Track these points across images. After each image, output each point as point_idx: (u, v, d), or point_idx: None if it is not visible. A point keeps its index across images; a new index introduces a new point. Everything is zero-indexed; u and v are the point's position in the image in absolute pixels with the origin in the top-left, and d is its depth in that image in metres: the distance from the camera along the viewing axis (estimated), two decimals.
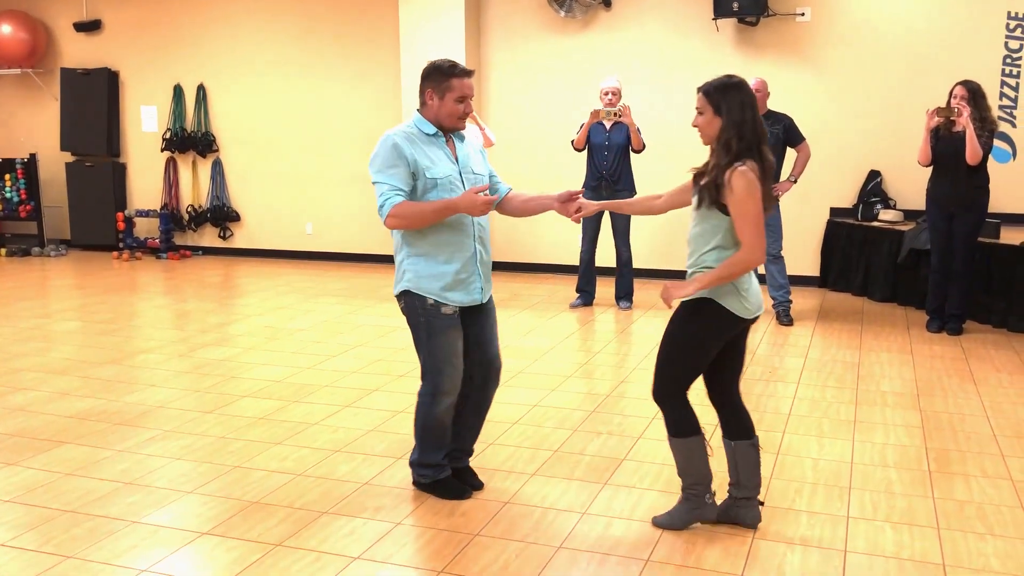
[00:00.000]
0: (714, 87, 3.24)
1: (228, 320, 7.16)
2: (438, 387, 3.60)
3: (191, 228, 10.58)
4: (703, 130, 3.25)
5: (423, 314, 3.54)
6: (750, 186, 3.11)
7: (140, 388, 5.30)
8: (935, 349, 6.07)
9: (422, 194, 3.49)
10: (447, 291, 3.52)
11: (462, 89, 3.49)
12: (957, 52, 7.65)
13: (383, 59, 9.41)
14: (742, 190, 3.10)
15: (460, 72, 3.50)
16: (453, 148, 3.63)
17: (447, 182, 3.51)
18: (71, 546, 3.32)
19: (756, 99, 3.27)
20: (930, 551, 3.25)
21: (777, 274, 6.89)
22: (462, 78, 3.49)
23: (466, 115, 3.56)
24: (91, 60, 10.68)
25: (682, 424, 3.35)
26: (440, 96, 3.51)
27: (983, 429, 4.53)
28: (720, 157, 3.17)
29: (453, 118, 3.53)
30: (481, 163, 3.73)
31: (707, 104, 3.22)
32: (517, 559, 3.21)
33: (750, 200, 3.11)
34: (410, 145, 3.49)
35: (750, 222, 3.13)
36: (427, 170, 3.48)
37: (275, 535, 3.40)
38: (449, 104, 3.50)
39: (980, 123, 6.15)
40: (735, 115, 3.16)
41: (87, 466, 4.09)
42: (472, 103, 3.63)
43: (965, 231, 6.35)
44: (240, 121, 10.24)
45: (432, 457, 3.72)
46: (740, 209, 3.12)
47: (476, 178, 3.64)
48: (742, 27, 8.18)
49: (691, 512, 3.42)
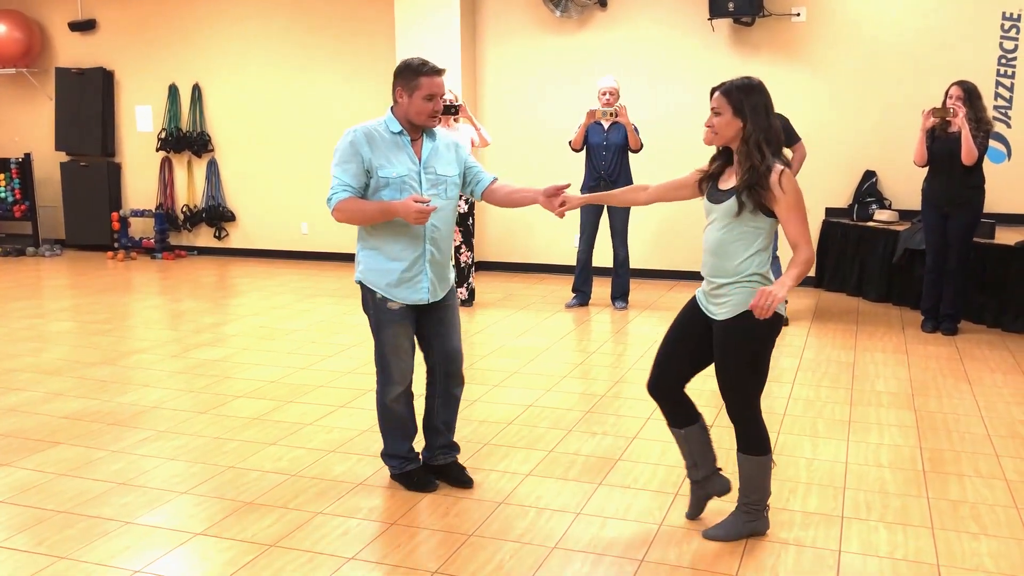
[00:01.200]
0: (736, 87, 3.19)
1: (223, 320, 7.15)
2: (386, 378, 3.72)
3: (186, 228, 10.56)
4: (720, 131, 3.19)
5: (372, 307, 3.67)
6: (797, 186, 3.12)
7: (134, 388, 5.29)
8: (930, 349, 6.08)
9: (373, 191, 3.56)
10: (392, 288, 3.61)
11: (431, 87, 3.50)
12: (952, 52, 7.66)
13: (378, 59, 9.41)
14: (793, 191, 3.09)
15: (429, 70, 3.52)
16: (419, 148, 3.63)
17: (399, 181, 3.54)
18: (64, 547, 3.31)
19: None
20: (924, 551, 3.25)
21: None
22: (431, 76, 3.51)
23: (436, 113, 3.56)
24: (86, 59, 10.65)
25: (762, 443, 3.29)
26: (409, 94, 3.53)
27: (977, 429, 4.53)
28: (754, 159, 3.10)
29: (423, 116, 3.54)
30: (450, 163, 3.70)
31: (727, 105, 3.16)
32: (511, 559, 3.21)
33: (801, 200, 3.12)
34: (368, 143, 3.55)
35: (804, 221, 3.14)
36: (380, 168, 3.53)
37: (269, 536, 3.40)
38: (417, 102, 3.52)
39: (975, 123, 6.16)
40: (761, 118, 3.13)
41: (81, 467, 4.08)
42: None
43: (960, 231, 6.36)
44: (235, 121, 10.23)
45: (396, 447, 3.83)
46: (793, 211, 3.11)
47: (437, 178, 3.63)
48: (737, 27, 8.19)
49: (747, 524, 3.35)
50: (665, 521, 3.50)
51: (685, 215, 8.46)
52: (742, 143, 3.15)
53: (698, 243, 8.44)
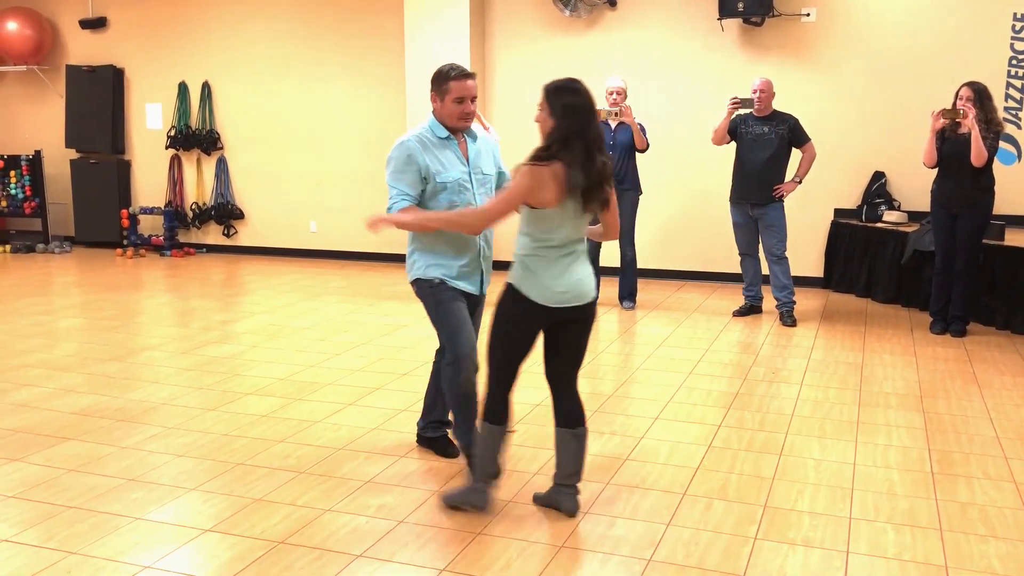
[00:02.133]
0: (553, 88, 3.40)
1: (232, 318, 7.17)
2: (457, 353, 3.76)
3: (195, 226, 10.59)
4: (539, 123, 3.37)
5: (430, 293, 3.79)
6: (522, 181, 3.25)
7: (143, 385, 5.31)
8: (938, 351, 6.07)
9: (431, 196, 3.72)
10: (452, 280, 3.79)
11: (459, 90, 3.66)
12: (963, 53, 7.64)
13: (388, 57, 9.42)
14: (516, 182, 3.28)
15: (457, 74, 3.68)
16: (465, 149, 3.80)
17: (456, 184, 3.74)
18: (74, 542, 3.33)
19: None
20: (932, 553, 3.25)
21: (781, 275, 6.89)
22: (459, 80, 3.67)
23: (467, 115, 3.71)
24: (96, 57, 10.69)
25: (489, 411, 3.46)
26: (441, 98, 3.70)
27: (986, 431, 4.52)
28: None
29: (454, 118, 3.71)
30: (490, 163, 3.91)
31: (545, 103, 3.37)
32: (519, 558, 3.21)
33: (514, 190, 3.28)
34: (423, 150, 3.69)
35: (500, 203, 3.33)
36: (437, 174, 3.69)
37: (277, 532, 3.41)
38: (448, 105, 3.68)
39: (985, 124, 6.14)
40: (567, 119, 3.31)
41: (90, 462, 4.10)
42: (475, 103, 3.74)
43: (969, 232, 6.34)
44: (245, 119, 10.25)
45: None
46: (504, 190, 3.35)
47: (484, 178, 3.84)
48: (747, 27, 8.18)
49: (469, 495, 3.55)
50: (673, 521, 3.50)
51: (693, 215, 8.45)
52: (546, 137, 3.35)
53: (710, 244, 8.46)
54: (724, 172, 7.26)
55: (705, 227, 8.45)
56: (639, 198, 7.34)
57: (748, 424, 4.62)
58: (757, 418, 4.72)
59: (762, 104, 6.81)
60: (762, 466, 4.06)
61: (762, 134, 6.83)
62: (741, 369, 5.64)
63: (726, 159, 7.31)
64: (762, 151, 6.83)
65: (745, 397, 5.08)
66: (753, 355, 5.99)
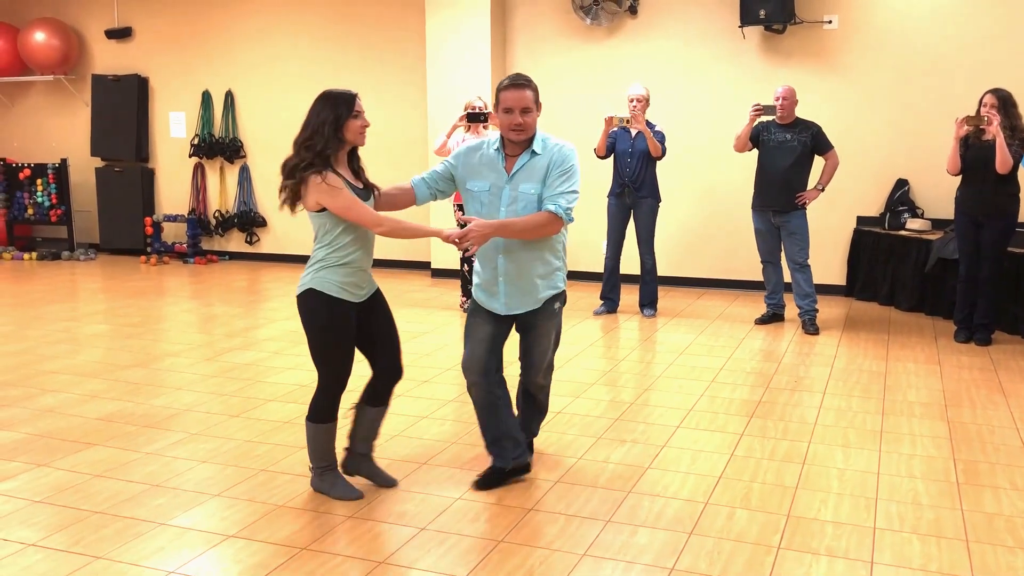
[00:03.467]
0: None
1: (254, 324, 7.22)
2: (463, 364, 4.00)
3: (218, 233, 10.68)
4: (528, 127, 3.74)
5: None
6: None
7: (167, 391, 5.35)
8: (963, 359, 6.01)
9: (466, 201, 3.92)
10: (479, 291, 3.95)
11: (505, 101, 3.70)
12: (986, 60, 7.58)
13: (409, 67, 9.47)
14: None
15: (506, 85, 3.73)
16: (512, 163, 3.77)
17: (479, 195, 3.82)
18: (100, 547, 3.36)
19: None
20: (958, 564, 3.22)
21: (803, 282, 6.85)
22: (506, 90, 3.71)
23: (518, 127, 3.70)
24: (122, 67, 10.82)
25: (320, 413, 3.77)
26: (496, 110, 3.77)
27: (1013, 441, 4.47)
28: None
29: (504, 128, 3.74)
30: (536, 181, 3.72)
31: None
32: (541, 566, 3.21)
33: None
34: (467, 156, 3.87)
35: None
36: (467, 181, 3.87)
37: (300, 539, 3.42)
38: (500, 116, 3.73)
39: (1010, 132, 6.09)
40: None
41: (115, 468, 4.14)
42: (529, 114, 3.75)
43: (993, 240, 6.28)
44: (267, 127, 10.33)
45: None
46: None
47: (517, 195, 3.73)
48: (768, 34, 8.16)
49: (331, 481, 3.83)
50: (695, 530, 3.49)
51: (714, 223, 8.42)
52: None
53: (732, 251, 8.43)
54: (745, 179, 7.23)
55: (727, 235, 8.42)
56: (658, 206, 7.33)
57: (771, 433, 4.59)
58: (780, 427, 4.70)
59: (785, 111, 6.79)
60: (785, 475, 4.03)
61: (784, 141, 6.81)
62: (763, 377, 5.61)
63: (747, 166, 7.29)
64: (785, 158, 6.81)
65: (767, 406, 5.05)
66: (775, 363, 5.96)
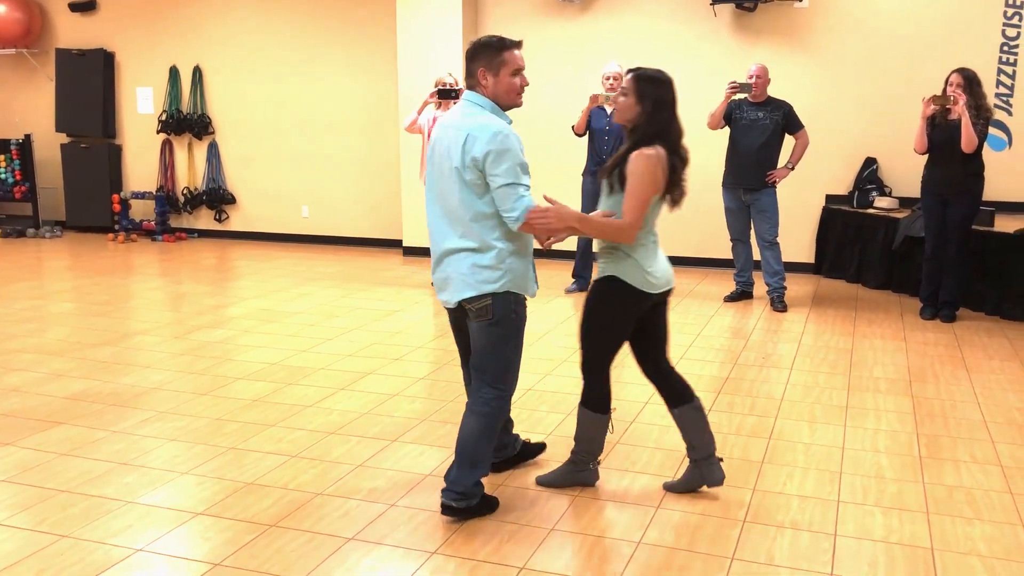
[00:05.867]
0: (646, 77, 3.35)
1: (223, 303, 7.17)
2: (510, 388, 3.43)
3: (187, 210, 10.57)
4: (622, 110, 3.36)
5: (514, 311, 3.32)
6: (644, 168, 3.24)
7: (135, 370, 5.31)
8: (928, 336, 6.10)
9: None
10: (530, 284, 3.43)
11: (515, 62, 3.29)
12: (954, 40, 7.65)
13: (380, 41, 9.39)
14: (636, 172, 3.25)
15: (511, 44, 3.29)
16: None
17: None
18: (66, 525, 3.34)
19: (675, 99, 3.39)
20: (919, 535, 3.28)
21: (772, 260, 6.91)
22: (513, 50, 3.29)
23: (524, 90, 3.37)
24: (86, 41, 10.63)
25: (600, 401, 3.51)
26: (495, 73, 3.28)
27: (974, 415, 4.56)
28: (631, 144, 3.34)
29: (512, 94, 3.32)
30: None
31: (633, 89, 3.34)
32: (510, 541, 3.23)
33: (641, 181, 3.25)
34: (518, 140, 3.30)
35: (635, 199, 3.25)
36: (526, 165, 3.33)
37: (269, 516, 3.42)
38: (505, 80, 3.28)
39: (975, 111, 6.15)
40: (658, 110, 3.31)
41: (82, 446, 4.11)
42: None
43: (959, 218, 6.36)
44: (236, 104, 10.21)
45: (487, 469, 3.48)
46: (629, 188, 3.27)
47: None
48: (740, 12, 8.17)
49: (574, 474, 3.65)
50: (663, 504, 3.53)
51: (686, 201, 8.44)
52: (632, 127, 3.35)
53: (701, 229, 8.47)
54: (716, 158, 7.27)
55: (697, 213, 8.46)
56: None
57: (738, 408, 4.64)
58: (747, 402, 4.75)
59: (758, 90, 6.82)
60: (751, 450, 4.08)
61: (756, 120, 6.84)
62: (732, 354, 5.67)
63: (718, 144, 7.31)
64: (756, 137, 6.84)
65: (735, 382, 5.11)
66: (744, 340, 6.01)
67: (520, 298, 3.36)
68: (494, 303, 3.27)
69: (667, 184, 3.32)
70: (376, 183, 9.71)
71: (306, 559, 3.10)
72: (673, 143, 3.33)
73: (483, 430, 3.37)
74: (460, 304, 3.34)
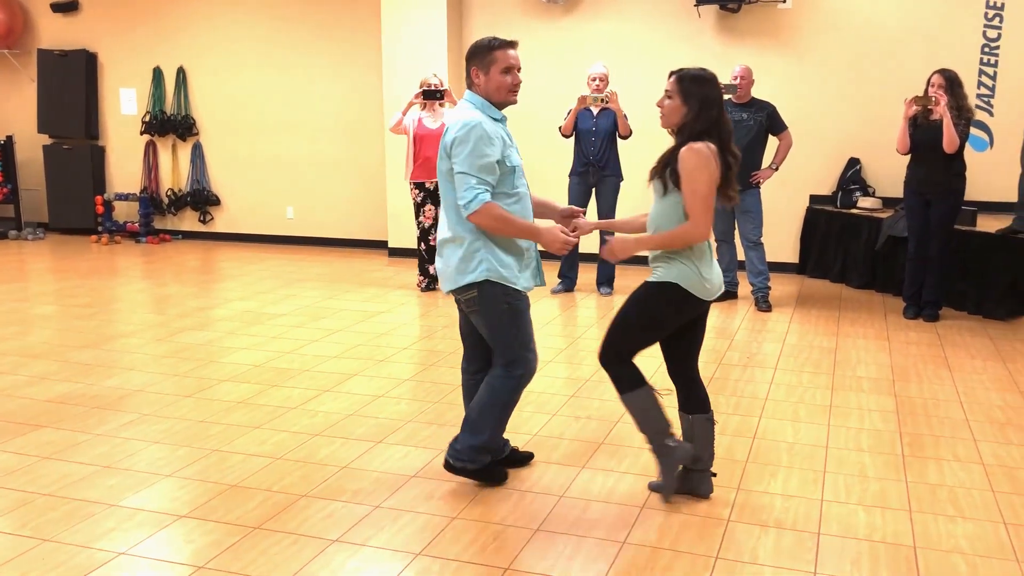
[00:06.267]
0: (689, 76, 3.32)
1: (208, 304, 7.14)
2: (526, 369, 3.56)
3: (171, 212, 10.52)
4: (668, 114, 3.35)
5: (504, 300, 3.46)
6: (696, 160, 3.21)
7: (119, 372, 5.28)
8: (911, 335, 6.14)
9: (502, 179, 3.43)
10: (521, 275, 3.52)
11: (506, 60, 3.41)
12: (936, 41, 7.70)
13: (365, 42, 9.37)
14: (687, 165, 3.22)
15: (501, 43, 3.43)
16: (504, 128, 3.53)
17: (520, 168, 3.50)
18: (48, 529, 3.32)
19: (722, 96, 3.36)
20: (902, 534, 3.30)
21: (756, 260, 6.93)
22: (504, 49, 3.43)
23: (517, 87, 3.47)
24: (69, 41, 10.56)
25: (628, 380, 3.45)
26: (486, 71, 3.42)
27: (956, 414, 4.59)
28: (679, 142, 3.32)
29: (503, 91, 3.44)
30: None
31: (677, 90, 3.32)
32: (495, 541, 3.23)
33: (694, 174, 3.22)
34: (495, 132, 3.39)
35: (696, 196, 3.23)
36: (508, 158, 3.42)
37: (253, 518, 3.41)
38: (496, 77, 3.41)
39: (957, 111, 6.20)
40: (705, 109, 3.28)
41: (65, 449, 4.08)
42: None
43: (941, 218, 6.41)
44: (220, 105, 10.17)
45: (497, 441, 3.71)
46: (686, 183, 3.23)
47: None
48: (724, 13, 8.20)
49: (669, 463, 3.51)
50: (647, 504, 3.53)
51: None
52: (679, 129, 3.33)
53: None
54: None
55: None
56: (620, 184, 7.37)
57: (723, 408, 4.66)
58: (732, 402, 4.77)
59: (742, 91, 6.85)
60: (736, 449, 4.10)
61: (740, 120, 6.87)
62: (716, 354, 5.68)
63: None
64: (740, 138, 6.84)
65: (720, 381, 5.12)
66: (728, 340, 6.04)
67: (508, 288, 3.45)
68: (479, 294, 3.44)
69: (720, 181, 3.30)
70: (361, 184, 9.69)
71: (290, 561, 3.09)
72: (724, 140, 3.30)
73: (487, 402, 3.56)
74: (451, 294, 3.56)
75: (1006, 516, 3.44)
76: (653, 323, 3.40)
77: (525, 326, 3.54)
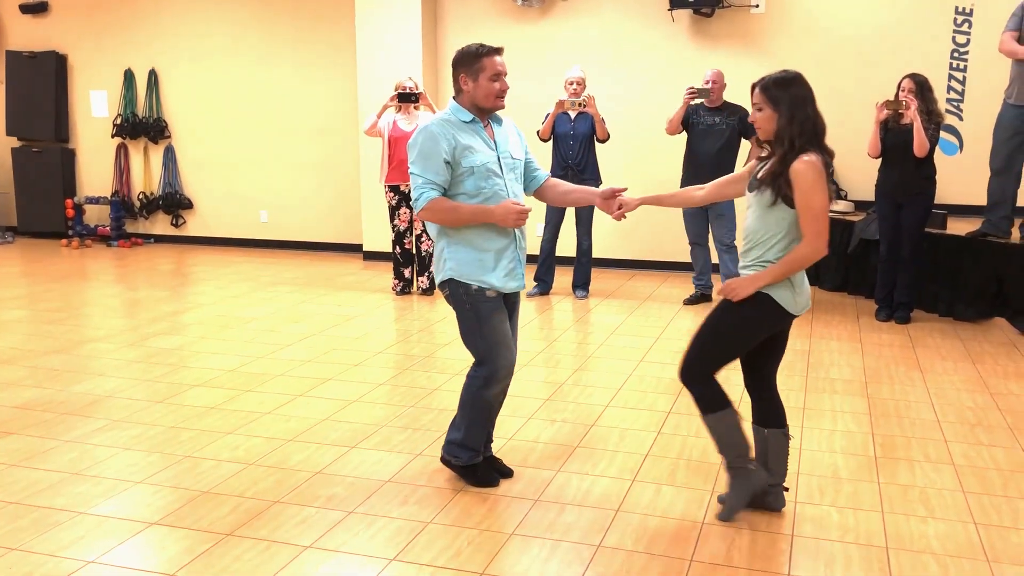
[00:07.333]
0: (772, 82, 3.29)
1: (180, 309, 7.07)
2: (493, 370, 3.57)
3: (143, 215, 10.41)
4: (763, 126, 3.27)
5: (468, 301, 3.53)
6: (812, 177, 3.12)
7: (89, 377, 5.21)
8: (883, 337, 6.19)
9: (457, 183, 3.48)
10: (490, 276, 3.52)
11: (494, 67, 3.48)
12: (906, 46, 7.78)
13: (339, 44, 9.33)
14: (803, 182, 3.12)
15: (488, 51, 3.49)
16: (491, 133, 3.60)
17: (483, 169, 3.49)
18: (15, 538, 3.26)
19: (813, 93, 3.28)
20: (874, 534, 3.32)
21: (730, 263, 6.97)
22: (492, 56, 3.49)
23: (503, 93, 3.53)
24: (38, 43, 10.43)
25: (711, 400, 3.37)
26: (474, 78, 3.48)
27: (927, 415, 4.63)
28: (783, 151, 3.19)
29: (491, 97, 3.50)
30: (519, 148, 3.72)
31: (765, 100, 3.26)
32: (469, 546, 3.22)
33: (812, 191, 3.12)
34: (447, 134, 3.45)
35: (812, 213, 3.14)
36: (463, 158, 3.46)
37: (225, 524, 3.37)
38: (484, 84, 3.48)
39: (927, 116, 6.26)
40: (798, 110, 3.22)
41: (32, 456, 4.02)
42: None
43: (913, 221, 6.47)
44: (193, 107, 10.09)
45: (476, 439, 3.71)
46: (804, 200, 3.13)
47: (513, 163, 3.64)
48: (697, 18, 8.24)
49: (743, 485, 3.40)
50: (622, 507, 3.53)
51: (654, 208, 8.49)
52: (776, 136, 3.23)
53: (661, 233, 8.53)
54: (675, 162, 7.31)
55: (657, 217, 8.51)
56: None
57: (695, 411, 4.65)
58: None
59: (714, 95, 6.89)
60: (710, 452, 4.10)
61: (713, 124, 6.90)
62: None
63: (677, 149, 7.36)
64: (713, 141, 6.90)
65: None
66: None
67: (469, 288, 3.51)
68: (449, 292, 3.58)
69: None
70: (336, 187, 9.64)
71: (263, 568, 3.06)
72: (821, 141, 3.23)
73: (465, 400, 3.67)
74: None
75: (976, 516, 3.48)
76: (741, 337, 3.32)
77: (491, 325, 3.54)
